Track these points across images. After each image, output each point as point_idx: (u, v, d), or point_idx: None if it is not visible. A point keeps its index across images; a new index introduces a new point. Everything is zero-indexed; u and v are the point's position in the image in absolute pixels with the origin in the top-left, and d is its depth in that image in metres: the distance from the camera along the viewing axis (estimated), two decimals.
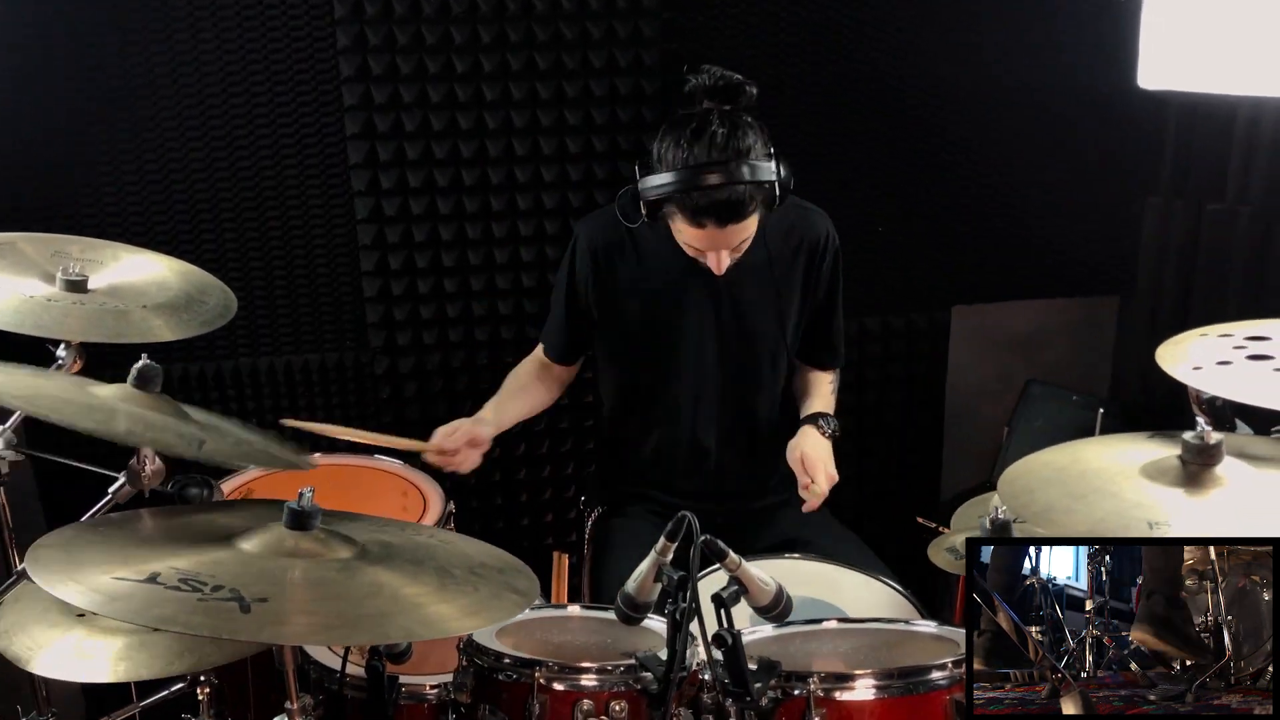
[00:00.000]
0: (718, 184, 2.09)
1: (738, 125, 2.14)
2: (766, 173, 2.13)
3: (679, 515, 1.63)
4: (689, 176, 2.10)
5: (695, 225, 2.15)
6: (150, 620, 1.30)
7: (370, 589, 1.47)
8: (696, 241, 2.19)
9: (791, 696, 1.61)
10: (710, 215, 2.12)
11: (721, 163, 2.09)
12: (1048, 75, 3.09)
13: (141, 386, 1.79)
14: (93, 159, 2.71)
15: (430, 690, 1.93)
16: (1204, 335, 1.96)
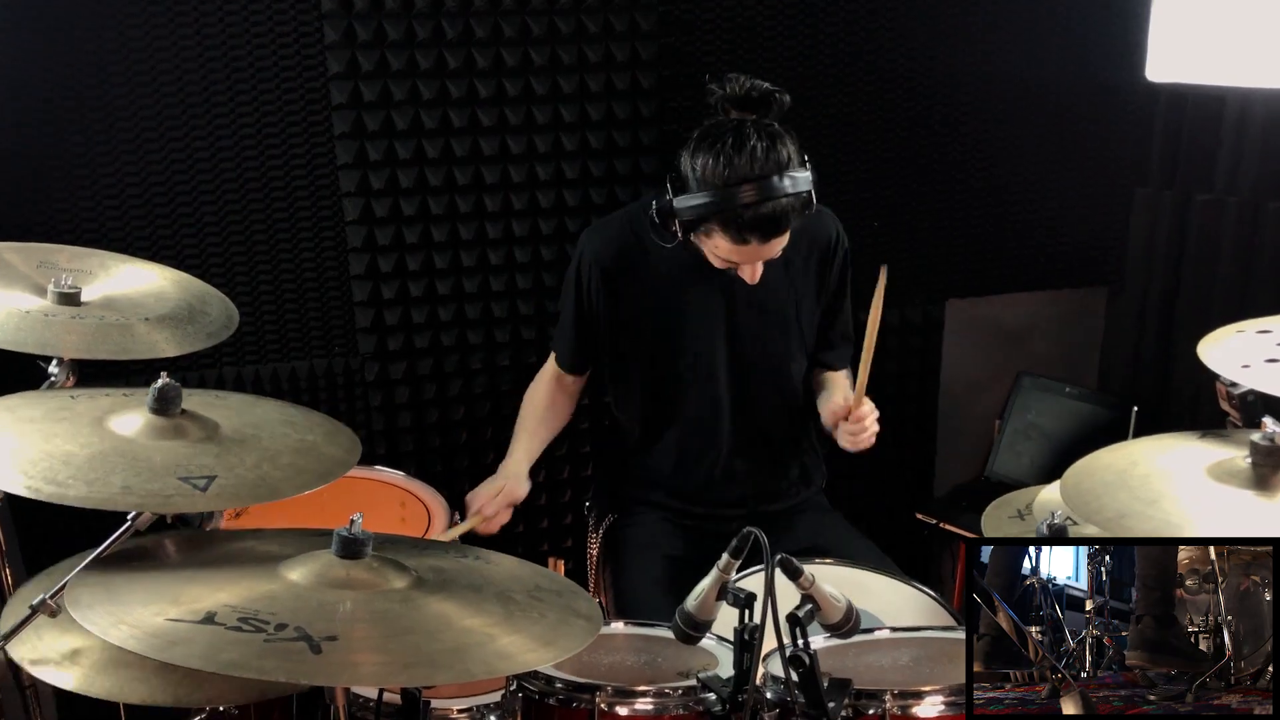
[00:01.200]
0: (762, 200, 2.04)
1: (775, 137, 2.09)
2: (805, 183, 2.09)
3: (745, 532, 1.58)
4: (732, 195, 2.05)
5: (739, 242, 2.10)
6: (219, 666, 1.21)
7: (438, 622, 1.40)
8: (736, 256, 2.15)
9: (865, 714, 1.56)
10: (755, 231, 2.08)
11: (764, 177, 2.04)
12: (1039, 70, 3.09)
13: (162, 410, 1.68)
14: (68, 163, 2.57)
15: (458, 714, 1.86)
16: (1241, 331, 1.95)
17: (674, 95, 2.88)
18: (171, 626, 1.29)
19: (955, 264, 3.24)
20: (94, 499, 1.45)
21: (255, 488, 1.53)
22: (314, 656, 1.25)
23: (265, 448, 1.66)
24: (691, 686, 1.64)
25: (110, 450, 1.57)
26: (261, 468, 1.59)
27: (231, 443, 1.66)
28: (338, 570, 1.47)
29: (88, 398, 1.80)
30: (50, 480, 1.46)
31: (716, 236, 2.12)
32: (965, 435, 3.40)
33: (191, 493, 1.49)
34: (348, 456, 1.72)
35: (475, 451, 3.03)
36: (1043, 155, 3.20)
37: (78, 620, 1.31)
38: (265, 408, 1.85)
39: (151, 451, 1.60)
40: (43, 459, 1.52)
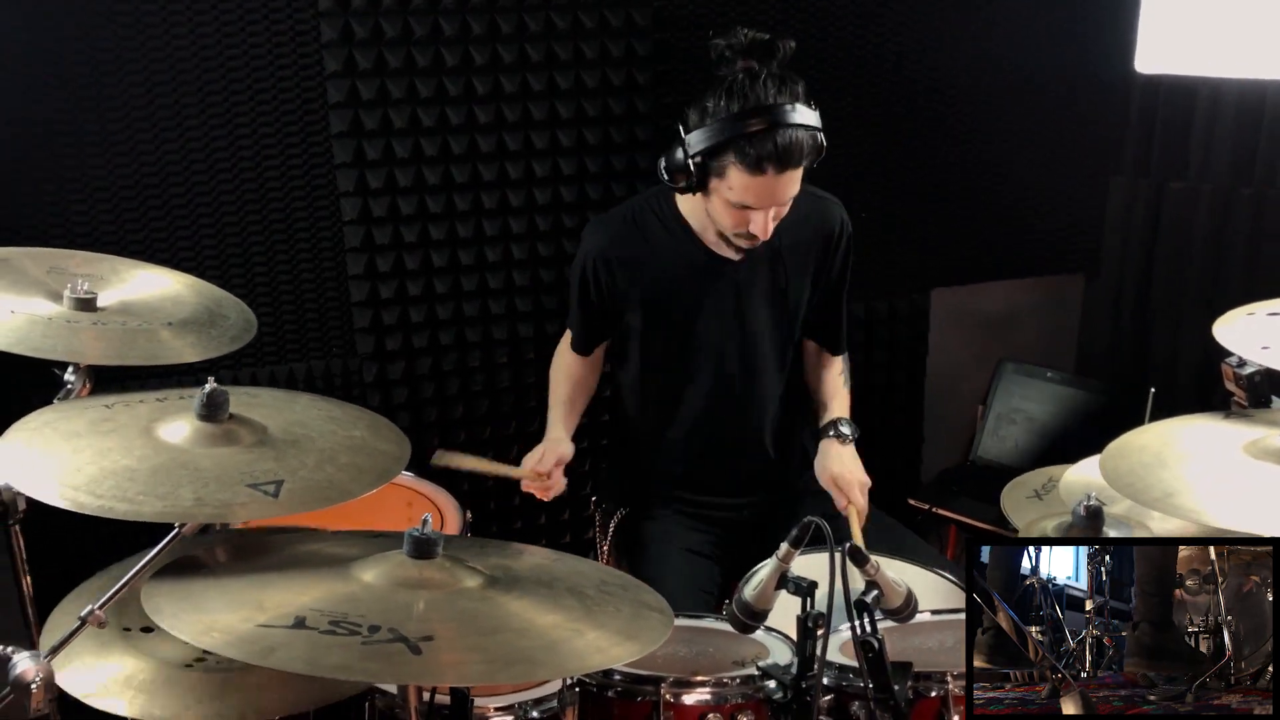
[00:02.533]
0: (777, 126, 2.05)
1: (785, 77, 2.11)
2: (816, 120, 2.11)
3: (805, 521, 1.60)
4: (746, 124, 2.05)
5: (754, 172, 2.08)
6: (326, 670, 1.21)
7: (521, 619, 1.41)
8: (749, 196, 2.12)
9: (926, 696, 1.60)
10: (772, 159, 2.07)
11: (779, 106, 2.06)
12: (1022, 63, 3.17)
13: (210, 416, 1.66)
14: (61, 166, 2.52)
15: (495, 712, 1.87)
16: (1251, 314, 2.02)
17: (669, 91, 2.90)
18: (265, 632, 1.28)
19: (940, 254, 3.30)
20: (170, 514, 1.44)
21: (325, 490, 1.52)
22: (415, 657, 1.25)
23: (320, 448, 1.65)
24: (751, 675, 1.66)
25: (170, 462, 1.55)
26: (324, 469, 1.58)
27: (285, 444, 1.65)
28: (410, 570, 1.47)
29: (123, 405, 1.77)
30: (121, 498, 1.45)
31: (731, 173, 2.10)
32: (950, 421, 3.47)
33: (264, 499, 1.47)
34: (400, 452, 1.72)
35: (474, 450, 3.01)
36: (1023, 146, 3.28)
37: (167, 629, 1.29)
38: (301, 404, 1.84)
39: (210, 459, 1.57)
40: (106, 476, 1.50)
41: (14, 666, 1.62)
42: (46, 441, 1.62)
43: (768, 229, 2.18)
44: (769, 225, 2.18)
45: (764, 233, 2.18)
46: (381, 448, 1.71)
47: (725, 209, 2.17)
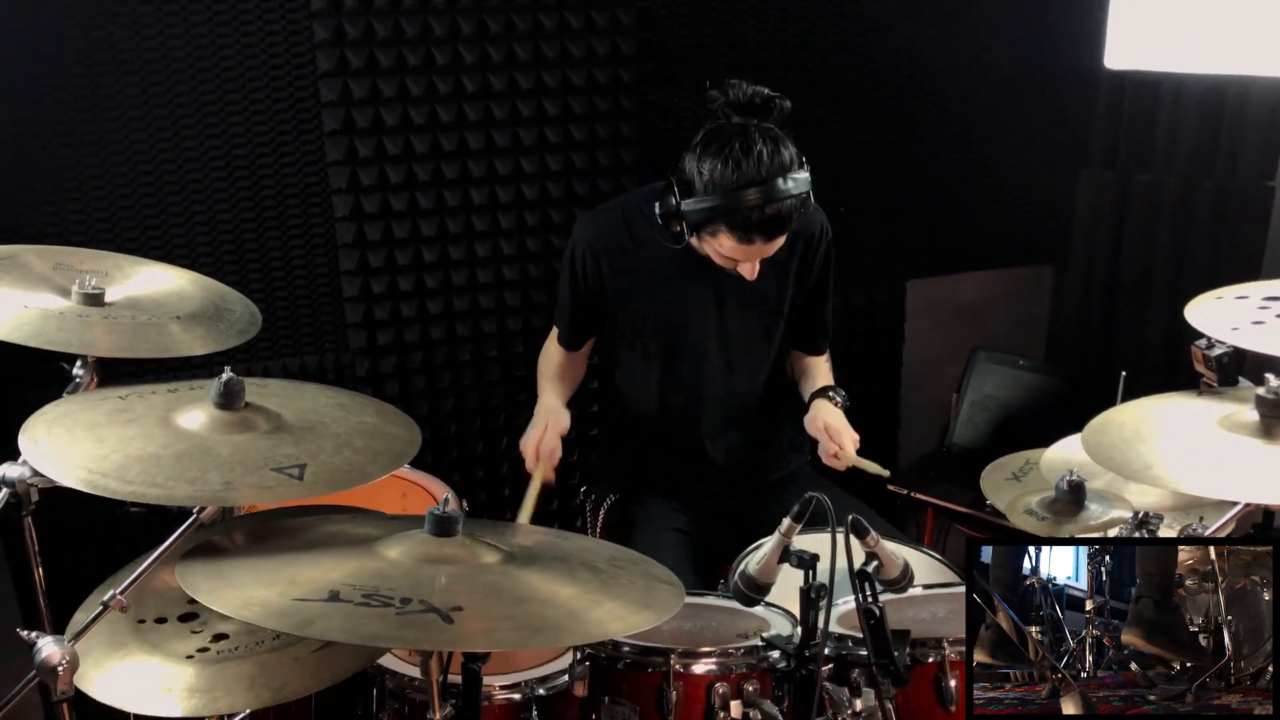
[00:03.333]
0: (768, 202, 2.14)
1: (778, 141, 2.19)
2: (805, 183, 2.19)
3: (807, 496, 1.67)
4: (740, 198, 2.14)
5: (745, 242, 2.20)
6: (364, 639, 1.27)
7: (542, 591, 1.47)
8: (740, 255, 2.24)
9: (924, 662, 1.67)
10: (760, 232, 2.18)
11: (769, 180, 2.14)
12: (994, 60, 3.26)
13: (227, 405, 1.71)
14: (58, 165, 2.55)
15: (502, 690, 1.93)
16: (1219, 298, 2.11)
17: (654, 89, 2.97)
18: (301, 605, 1.34)
19: (916, 247, 3.39)
20: (201, 497, 1.49)
21: (346, 472, 1.58)
22: (448, 626, 1.31)
23: (335, 433, 1.70)
24: (755, 646, 1.73)
25: (192, 449, 1.60)
26: (343, 453, 1.63)
27: (301, 430, 1.70)
28: (432, 548, 1.53)
29: (136, 397, 1.82)
30: (150, 483, 1.49)
31: (722, 237, 2.21)
32: (926, 409, 3.56)
33: (290, 482, 1.53)
34: (411, 435, 1.77)
35: (465, 441, 3.08)
36: (996, 141, 3.38)
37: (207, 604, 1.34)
38: (310, 392, 1.89)
39: (229, 446, 1.62)
40: (132, 463, 1.54)
41: (39, 651, 1.67)
42: (68, 431, 1.66)
43: (754, 273, 2.29)
44: (755, 270, 2.28)
45: (751, 275, 2.28)
46: (393, 431, 1.77)
47: (715, 254, 2.28)
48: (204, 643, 1.75)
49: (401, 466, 1.67)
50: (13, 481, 1.85)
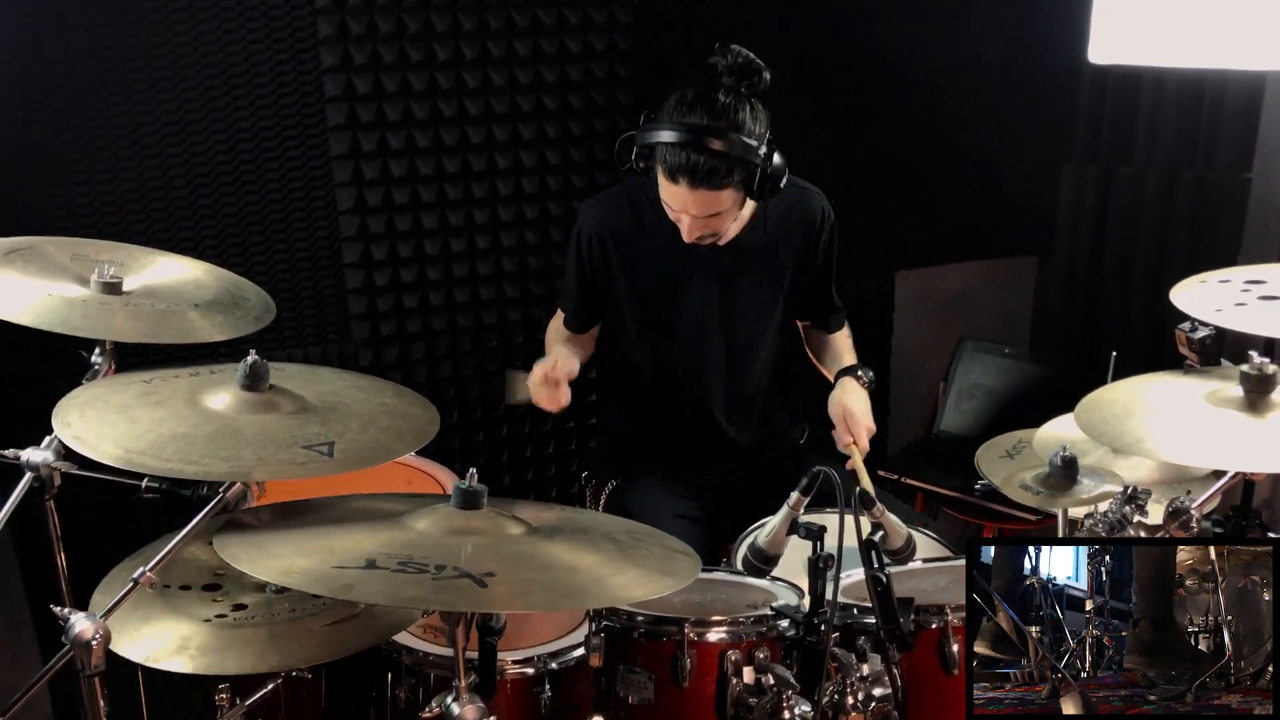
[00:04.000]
0: (699, 146, 2.18)
1: (740, 102, 2.24)
2: (750, 153, 2.22)
3: (814, 471, 1.74)
4: (676, 132, 2.20)
5: (670, 180, 2.24)
6: (405, 602, 1.33)
7: (566, 559, 1.53)
8: (669, 198, 2.29)
9: (927, 628, 1.75)
10: (685, 173, 2.21)
11: (709, 129, 2.19)
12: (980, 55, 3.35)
13: (253, 386, 1.77)
14: (66, 157, 2.59)
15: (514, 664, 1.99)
16: (1203, 282, 2.20)
17: (649, 84, 3.03)
18: (341, 572, 1.40)
19: (903, 238, 3.47)
20: (236, 473, 1.55)
21: (373, 449, 1.63)
22: (482, 590, 1.37)
23: (358, 413, 1.76)
24: (765, 615, 1.80)
25: (222, 428, 1.66)
26: (368, 431, 1.68)
27: (326, 411, 1.75)
28: (459, 520, 1.59)
29: (161, 381, 1.87)
30: (187, 460, 1.55)
31: (658, 171, 2.27)
32: (915, 397, 3.65)
33: (320, 459, 1.58)
34: (430, 414, 1.82)
35: (466, 430, 3.14)
36: (982, 135, 3.47)
37: (249, 572, 1.40)
38: (326, 376, 1.94)
39: (256, 426, 1.68)
40: (166, 442, 1.60)
41: (72, 627, 1.72)
42: (100, 414, 1.71)
43: (690, 234, 2.32)
44: (693, 232, 2.32)
45: (687, 235, 2.33)
46: (413, 411, 1.82)
47: (662, 201, 2.33)
48: (223, 610, 1.82)
49: (426, 443, 1.72)
50: (36, 466, 1.90)
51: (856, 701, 1.69)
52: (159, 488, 2.07)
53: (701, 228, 2.32)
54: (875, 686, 1.72)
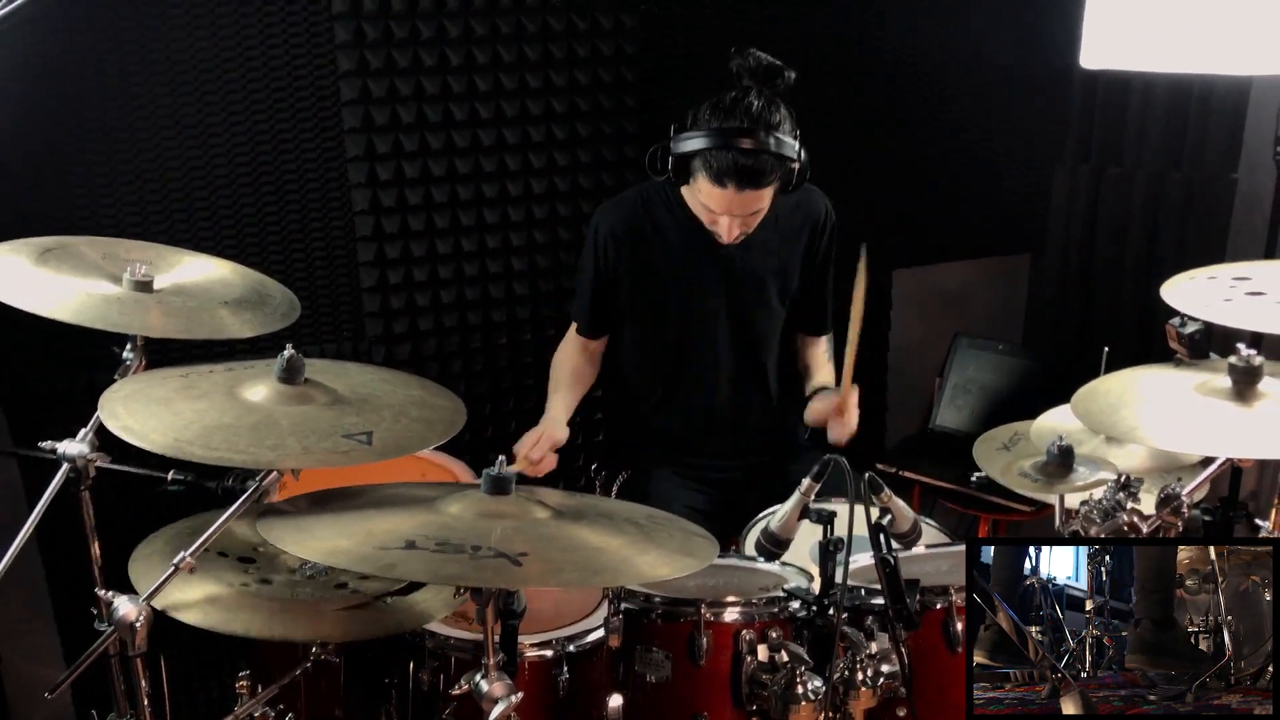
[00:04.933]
0: (744, 149, 2.29)
1: (773, 103, 2.35)
2: (790, 150, 2.35)
3: (825, 459, 1.83)
4: (719, 137, 2.29)
5: (717, 184, 2.33)
6: (445, 579, 1.42)
7: (593, 541, 1.62)
8: (713, 202, 2.38)
9: (932, 608, 1.83)
10: (732, 176, 2.31)
11: (751, 130, 2.30)
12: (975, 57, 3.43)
13: (289, 379, 1.84)
14: (90, 161, 2.66)
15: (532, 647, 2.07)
16: (1192, 279, 2.29)
17: (655, 88, 3.12)
18: (383, 552, 1.48)
19: (901, 237, 3.56)
20: (284, 462, 1.62)
21: (409, 438, 1.72)
22: (517, 568, 1.46)
23: (390, 404, 1.84)
24: (778, 597, 1.89)
25: (263, 420, 1.74)
26: (401, 421, 1.77)
27: (359, 403, 1.84)
28: (490, 505, 1.67)
29: (197, 376, 1.95)
30: (233, 449, 1.63)
31: (700, 178, 2.35)
32: (912, 392, 3.73)
33: (360, 447, 1.66)
34: (456, 405, 1.91)
35: (476, 426, 3.22)
36: (977, 136, 3.56)
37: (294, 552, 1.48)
38: (354, 370, 2.03)
39: (293, 417, 1.76)
40: (211, 433, 1.68)
41: (116, 609, 1.80)
42: (144, 407, 1.79)
43: (731, 234, 2.43)
44: (733, 232, 2.42)
45: (727, 236, 2.43)
46: (440, 403, 1.91)
47: (698, 205, 2.43)
48: (249, 581, 1.91)
49: (456, 432, 1.80)
50: (73, 458, 1.98)
51: (865, 678, 1.78)
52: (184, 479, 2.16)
53: (741, 226, 2.42)
54: (883, 664, 1.80)
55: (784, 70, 2.37)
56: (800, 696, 1.74)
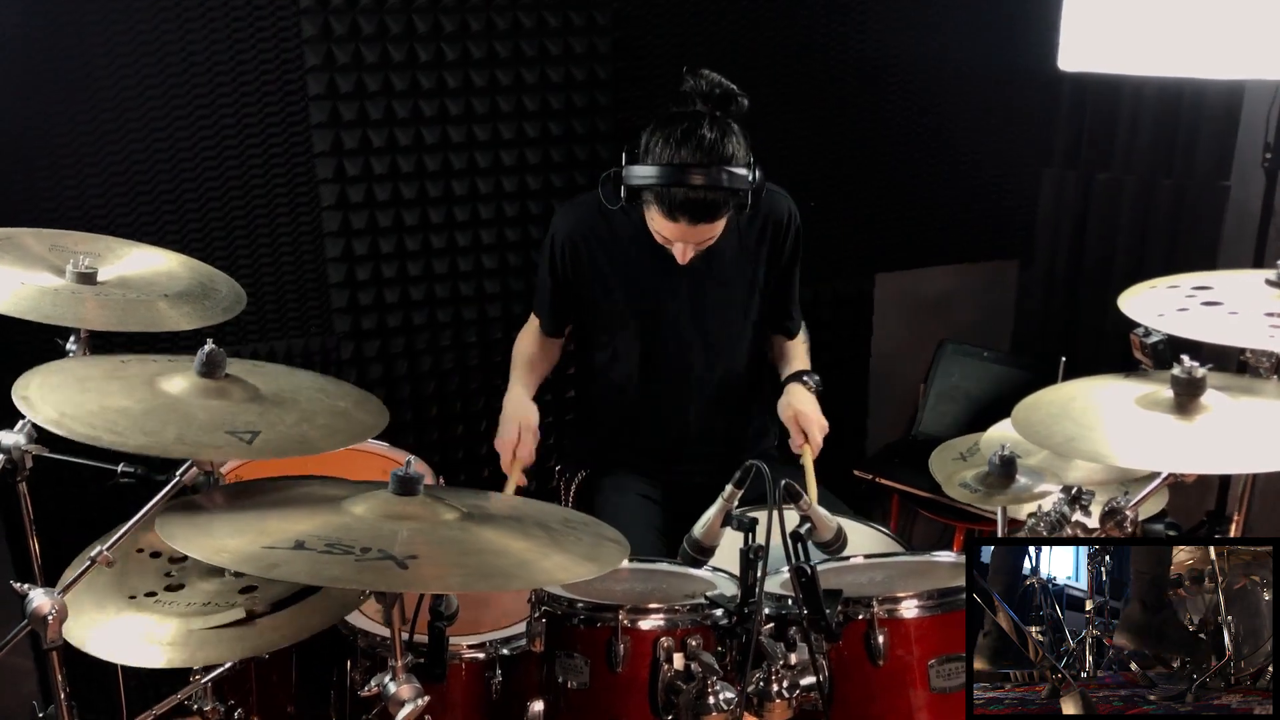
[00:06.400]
0: (696, 185, 2.26)
1: (726, 132, 2.32)
2: (742, 181, 2.31)
3: (747, 465, 1.80)
4: (671, 174, 2.27)
5: (669, 219, 2.32)
6: (325, 581, 1.39)
7: (495, 544, 1.59)
8: (667, 232, 2.37)
9: (854, 619, 1.79)
10: (685, 212, 2.30)
11: (703, 166, 2.27)
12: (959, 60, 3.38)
13: (208, 373, 1.83)
14: (56, 153, 2.67)
15: (469, 649, 2.05)
16: (1153, 287, 2.23)
17: (628, 86, 3.10)
18: (270, 552, 1.46)
19: (884, 240, 3.52)
20: (151, 447, 1.59)
21: (296, 443, 1.68)
22: (402, 571, 1.43)
23: (303, 409, 1.81)
24: (700, 604, 1.85)
25: (162, 406, 1.71)
26: (300, 426, 1.73)
27: (272, 404, 1.80)
28: (396, 506, 1.64)
29: (137, 362, 1.93)
30: (110, 430, 1.60)
31: (653, 210, 2.34)
32: (894, 398, 3.68)
33: (238, 444, 1.63)
34: (376, 421, 1.88)
35: (445, 424, 3.20)
36: (961, 139, 3.50)
37: (181, 550, 1.46)
38: (300, 377, 1.99)
39: (200, 409, 1.74)
40: (104, 412, 1.65)
41: (31, 601, 1.80)
42: (60, 382, 1.77)
43: (685, 257, 2.40)
44: (688, 255, 2.40)
45: (682, 259, 2.41)
46: (361, 418, 1.87)
47: (653, 228, 2.40)
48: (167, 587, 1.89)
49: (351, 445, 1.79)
50: (8, 448, 1.97)
51: (782, 689, 1.73)
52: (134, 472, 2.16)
53: (696, 248, 2.40)
54: (803, 676, 1.76)
55: (736, 95, 2.34)
56: (711, 707, 1.70)
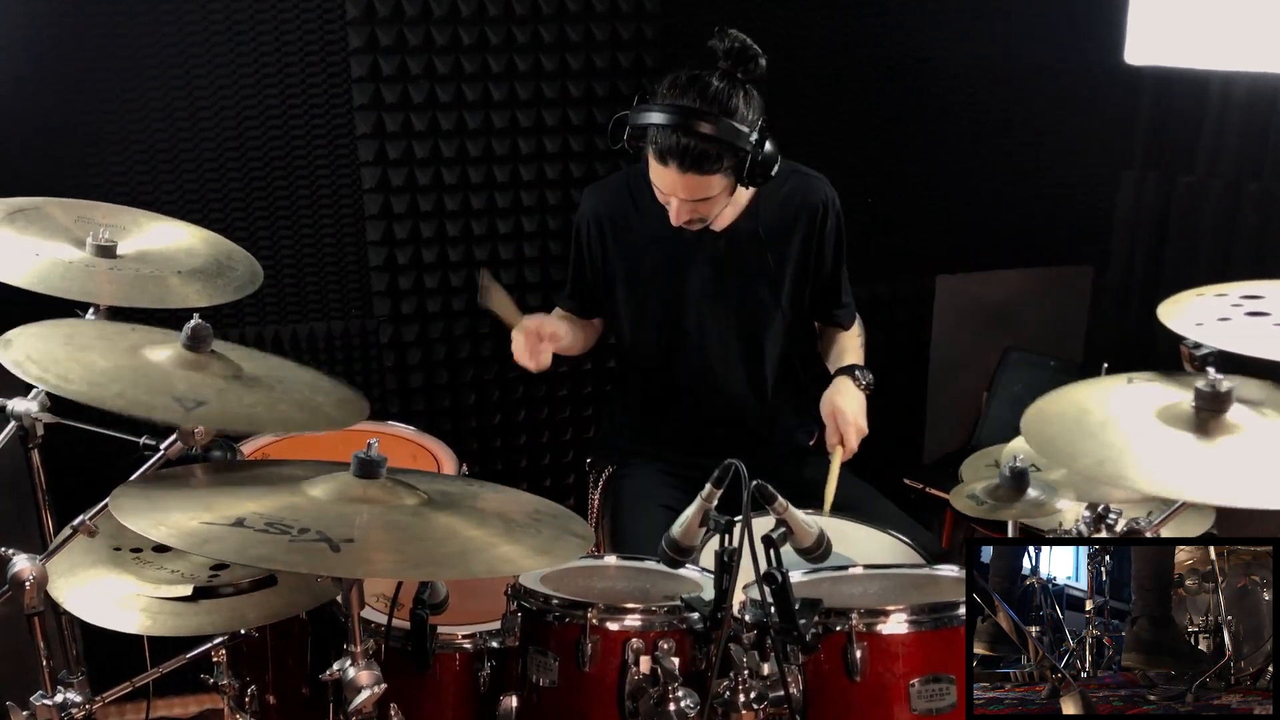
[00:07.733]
0: (689, 129, 2.17)
1: (735, 87, 2.22)
2: (742, 139, 2.20)
3: (725, 464, 1.72)
4: (668, 114, 2.19)
5: (660, 162, 2.23)
6: (250, 560, 1.36)
7: (445, 532, 1.55)
8: (659, 180, 2.28)
9: (834, 631, 1.70)
10: (675, 156, 2.20)
11: (701, 112, 2.18)
12: (1030, 55, 3.23)
13: (193, 347, 1.83)
14: (103, 128, 2.73)
15: (463, 639, 2.01)
16: (1200, 295, 2.08)
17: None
18: (205, 529, 1.44)
19: (946, 240, 3.38)
20: (89, 396, 1.58)
21: (234, 418, 1.67)
22: (333, 554, 1.40)
23: (273, 394, 1.77)
24: (675, 606, 1.78)
25: (129, 368, 1.71)
26: (256, 408, 1.70)
27: (242, 384, 1.77)
28: (355, 488, 1.61)
29: (145, 332, 1.94)
30: (59, 376, 1.61)
31: (649, 151, 2.26)
32: (955, 406, 3.54)
33: (175, 409, 1.62)
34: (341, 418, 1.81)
35: (482, 411, 3.18)
36: (1032, 137, 3.34)
37: (122, 522, 1.45)
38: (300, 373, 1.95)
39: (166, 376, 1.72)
40: (67, 361, 1.67)
41: (12, 566, 1.82)
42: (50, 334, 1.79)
43: (679, 217, 2.31)
44: (681, 215, 2.30)
45: (674, 219, 2.31)
46: (329, 412, 1.81)
47: (652, 183, 2.32)
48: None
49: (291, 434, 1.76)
50: (20, 415, 2.01)
51: (750, 700, 1.65)
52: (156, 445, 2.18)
53: (690, 211, 2.30)
54: (775, 688, 1.67)
55: (757, 55, 2.25)
56: (671, 714, 1.63)
